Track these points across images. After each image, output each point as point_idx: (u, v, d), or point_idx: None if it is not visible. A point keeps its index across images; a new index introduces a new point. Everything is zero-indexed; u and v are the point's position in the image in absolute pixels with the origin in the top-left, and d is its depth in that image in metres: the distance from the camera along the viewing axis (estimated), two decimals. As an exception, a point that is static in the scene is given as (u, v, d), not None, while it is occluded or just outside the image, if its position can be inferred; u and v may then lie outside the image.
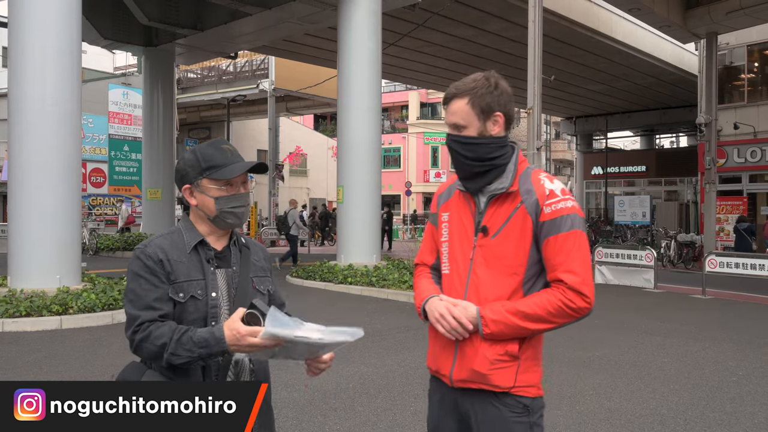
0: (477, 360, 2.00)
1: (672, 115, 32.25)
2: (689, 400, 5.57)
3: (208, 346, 1.79)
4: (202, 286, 1.93)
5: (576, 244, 1.96)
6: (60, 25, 9.74)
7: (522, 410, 2.03)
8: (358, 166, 13.85)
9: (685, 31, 19.67)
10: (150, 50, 20.75)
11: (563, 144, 50.87)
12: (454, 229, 2.11)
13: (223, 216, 1.98)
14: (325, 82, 25.20)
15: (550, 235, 1.96)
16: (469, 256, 2.05)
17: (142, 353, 1.87)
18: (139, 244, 2.01)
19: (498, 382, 2.00)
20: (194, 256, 1.96)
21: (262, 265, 2.12)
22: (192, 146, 30.13)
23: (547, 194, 1.99)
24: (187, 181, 2.00)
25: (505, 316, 1.94)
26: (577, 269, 1.95)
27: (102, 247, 19.68)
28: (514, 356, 2.00)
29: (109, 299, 9.19)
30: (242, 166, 1.97)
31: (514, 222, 2.00)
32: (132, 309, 1.89)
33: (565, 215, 1.97)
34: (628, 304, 11.28)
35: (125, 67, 41.51)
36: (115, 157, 28.14)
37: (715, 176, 20.04)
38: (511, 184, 2.02)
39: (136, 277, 1.91)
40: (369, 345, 7.46)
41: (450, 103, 2.05)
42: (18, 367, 6.45)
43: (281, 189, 32.96)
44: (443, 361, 2.09)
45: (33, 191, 9.56)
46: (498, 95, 2.03)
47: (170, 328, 1.83)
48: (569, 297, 1.94)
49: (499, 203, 2.03)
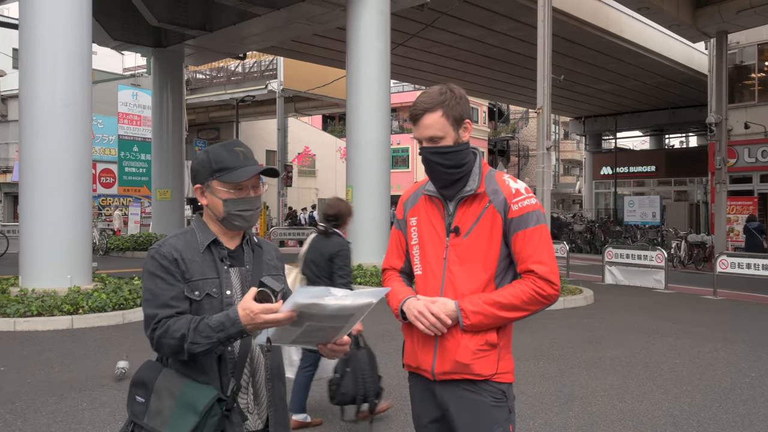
0: (459, 351, 2.10)
1: (682, 114, 32.08)
2: (702, 401, 5.54)
3: (225, 329, 1.79)
4: (216, 284, 1.94)
5: (542, 237, 2.11)
6: (71, 27, 9.78)
7: (501, 396, 2.15)
8: (367, 166, 13.84)
9: (695, 30, 19.56)
10: (159, 51, 20.82)
11: (572, 144, 50.69)
12: (424, 232, 2.22)
13: (231, 218, 1.98)
14: (333, 82, 25.21)
15: (519, 230, 2.10)
16: (442, 256, 2.16)
17: (163, 349, 1.87)
18: (154, 244, 2.03)
19: (480, 371, 2.11)
20: (207, 255, 1.97)
21: (275, 264, 2.13)
22: (201, 147, 30.21)
23: (514, 192, 2.14)
24: (199, 181, 2.01)
25: (483, 307, 2.06)
26: (546, 260, 2.09)
27: (112, 247, 19.77)
28: (493, 345, 2.13)
29: (119, 299, 9.23)
30: (251, 170, 1.97)
31: (484, 221, 2.13)
32: (149, 308, 1.90)
33: (531, 212, 2.12)
34: (638, 305, 11.23)
35: (135, 68, 41.66)
36: (125, 157, 28.23)
37: (726, 176, 19.91)
38: (478, 186, 2.15)
39: (152, 276, 1.92)
40: (378, 345, 7.45)
41: (422, 118, 2.12)
42: (30, 366, 6.48)
43: (290, 190, 33.01)
44: (423, 357, 2.18)
45: (44, 192, 9.61)
46: (464, 103, 2.15)
47: (187, 320, 1.84)
48: (540, 285, 2.07)
49: (468, 204, 2.16)
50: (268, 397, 2.00)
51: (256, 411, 1.98)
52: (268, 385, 2.01)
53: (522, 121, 46.11)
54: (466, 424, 2.13)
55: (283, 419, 2.06)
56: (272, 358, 2.02)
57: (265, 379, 2.00)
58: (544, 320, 9.13)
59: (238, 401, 1.92)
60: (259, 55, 29.16)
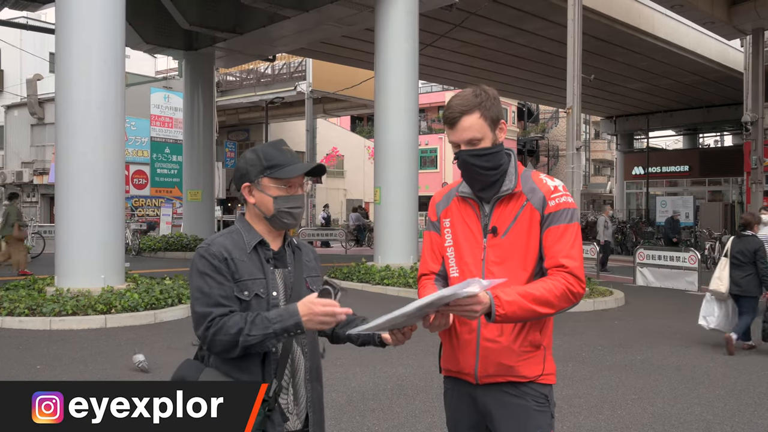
0: (503, 353, 2.07)
1: (716, 113, 31.44)
2: (736, 406, 5.43)
3: (282, 320, 1.83)
4: (263, 285, 1.97)
5: (574, 235, 2.10)
6: (105, 31, 9.97)
7: (543, 400, 2.12)
8: (395, 167, 13.85)
9: (730, 27, 19.18)
10: (190, 54, 21.11)
11: (603, 144, 50.04)
12: (459, 233, 2.19)
13: (280, 216, 2.01)
14: (362, 83, 25.28)
15: (552, 225, 2.09)
16: (480, 257, 2.13)
17: (216, 347, 1.89)
18: (201, 243, 2.05)
19: (526, 372, 2.09)
20: (254, 255, 2.00)
21: (313, 265, 2.16)
22: (231, 148, 30.52)
23: (552, 189, 2.13)
24: (248, 179, 2.03)
25: (518, 299, 1.97)
26: (576, 257, 2.08)
27: (144, 248, 20.09)
28: (537, 345, 2.10)
29: (151, 299, 9.37)
30: (303, 166, 2.02)
31: (522, 219, 2.11)
32: (201, 307, 1.91)
33: (567, 208, 2.11)
34: (670, 308, 11.05)
35: (166, 71, 42.29)
36: (157, 159, 28.65)
37: (762, 176, 19.51)
38: (515, 186, 2.14)
39: (202, 275, 1.94)
40: (406, 346, 7.45)
41: (460, 120, 2.10)
42: (65, 364, 6.63)
43: (318, 190, 33.18)
44: (465, 360, 2.14)
45: (79, 193, 9.80)
46: (498, 104, 2.16)
47: (241, 316, 1.88)
48: (571, 282, 2.03)
49: (504, 204, 2.14)
50: (307, 398, 2.02)
51: (296, 411, 2.00)
52: (308, 386, 2.03)
53: (552, 120, 45.67)
54: (509, 429, 2.10)
55: (321, 420, 2.08)
56: (312, 359, 2.05)
57: (304, 379, 2.02)
58: (574, 322, 9.04)
59: (279, 402, 1.94)
60: (288, 56, 29.37)
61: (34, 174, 30.82)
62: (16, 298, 9.19)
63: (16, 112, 32.29)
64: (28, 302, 8.95)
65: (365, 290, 12.53)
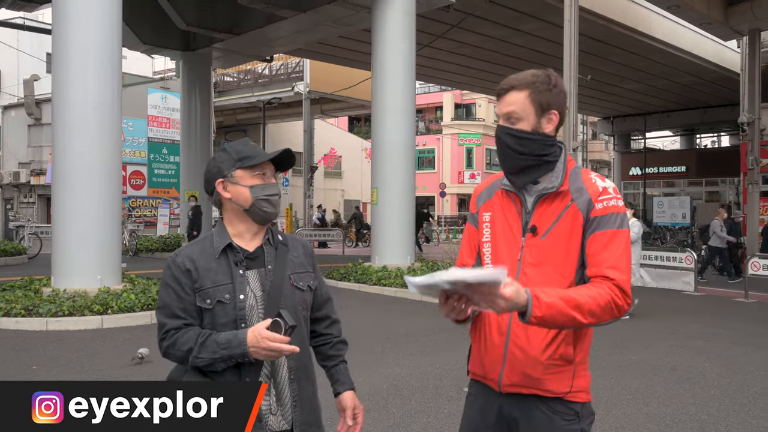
0: (529, 363, 1.93)
1: (713, 114, 31.52)
2: (730, 406, 5.45)
3: (230, 347, 1.87)
4: (229, 290, 1.97)
5: (624, 243, 1.92)
6: (102, 32, 9.96)
7: (573, 417, 1.97)
8: (393, 167, 13.87)
9: (727, 28, 19.22)
10: (188, 54, 21.10)
11: (600, 144, 50.12)
12: (498, 229, 2.04)
13: (259, 204, 2.01)
14: (359, 84, 25.30)
15: (599, 230, 1.91)
16: (516, 257, 1.98)
17: (170, 358, 1.99)
18: (172, 252, 2.10)
19: (553, 387, 1.94)
20: (223, 260, 2.00)
21: (301, 261, 2.12)
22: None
23: (601, 191, 1.95)
24: (221, 175, 2.04)
25: (558, 302, 1.77)
26: (624, 268, 1.89)
27: (141, 249, 20.07)
28: (569, 360, 1.95)
29: (148, 299, 9.37)
30: (273, 152, 2.06)
31: (564, 221, 1.94)
32: (159, 316, 2.02)
33: (616, 213, 1.93)
34: (666, 308, 11.07)
35: (164, 71, 42.25)
36: (154, 159, 28.64)
37: (759, 176, 19.53)
38: (561, 184, 1.97)
39: (165, 285, 2.01)
40: (402, 346, 7.47)
41: (507, 94, 1.99)
42: (62, 365, 6.62)
43: (315, 191, 33.18)
44: (491, 366, 2.01)
45: (76, 193, 9.78)
46: (556, 94, 1.99)
47: (195, 333, 1.93)
48: (617, 294, 1.85)
49: (549, 202, 1.97)
50: (292, 398, 2.01)
51: (280, 411, 1.99)
52: (293, 386, 2.02)
53: (549, 121, 45.66)
54: None
55: (311, 419, 2.08)
56: (297, 359, 2.02)
57: (288, 379, 2.01)
58: (570, 322, 9.04)
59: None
60: (285, 57, 29.37)
61: (31, 174, 30.74)
62: (12, 299, 9.18)
63: (13, 112, 32.22)
64: (24, 303, 8.95)
65: (362, 291, 12.54)
